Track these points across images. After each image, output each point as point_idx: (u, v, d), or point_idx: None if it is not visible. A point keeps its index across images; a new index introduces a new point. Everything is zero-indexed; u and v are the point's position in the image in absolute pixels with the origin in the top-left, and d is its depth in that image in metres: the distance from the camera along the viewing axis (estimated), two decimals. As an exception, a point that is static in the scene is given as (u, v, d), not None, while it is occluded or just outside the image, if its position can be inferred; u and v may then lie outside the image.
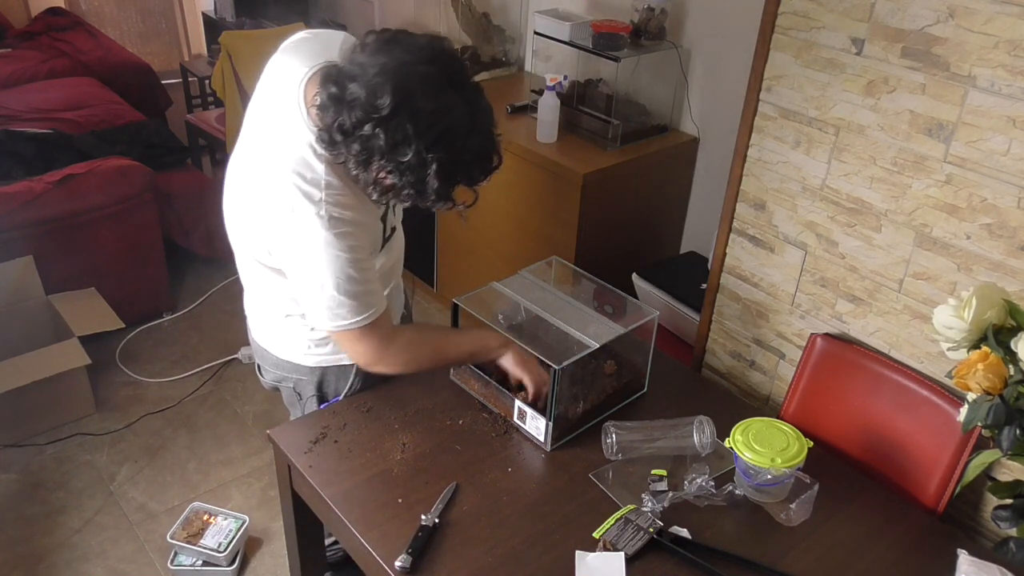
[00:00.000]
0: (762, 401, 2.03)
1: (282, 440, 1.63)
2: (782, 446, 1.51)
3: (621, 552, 1.40)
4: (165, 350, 3.22)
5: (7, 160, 3.17)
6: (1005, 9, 1.39)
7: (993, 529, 1.63)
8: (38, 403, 2.72)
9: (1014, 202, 1.47)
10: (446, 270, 3.47)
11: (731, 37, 2.71)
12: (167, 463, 2.70)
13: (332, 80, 1.35)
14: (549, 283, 1.86)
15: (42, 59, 4.45)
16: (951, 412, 1.60)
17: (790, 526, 1.51)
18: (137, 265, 3.23)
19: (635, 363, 1.81)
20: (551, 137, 2.86)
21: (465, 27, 3.51)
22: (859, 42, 1.61)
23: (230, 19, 4.61)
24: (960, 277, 1.58)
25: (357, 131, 1.31)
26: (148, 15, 5.80)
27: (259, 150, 1.52)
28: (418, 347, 1.63)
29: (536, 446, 1.65)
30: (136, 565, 2.35)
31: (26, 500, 2.53)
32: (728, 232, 1.98)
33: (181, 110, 4.82)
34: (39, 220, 2.91)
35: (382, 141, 1.31)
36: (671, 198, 3.04)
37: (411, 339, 1.64)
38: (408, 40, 1.36)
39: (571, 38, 2.88)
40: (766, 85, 1.79)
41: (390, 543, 1.41)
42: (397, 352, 1.58)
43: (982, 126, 1.47)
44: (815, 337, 1.82)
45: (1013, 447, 1.21)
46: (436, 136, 1.32)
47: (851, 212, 1.72)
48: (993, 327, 1.24)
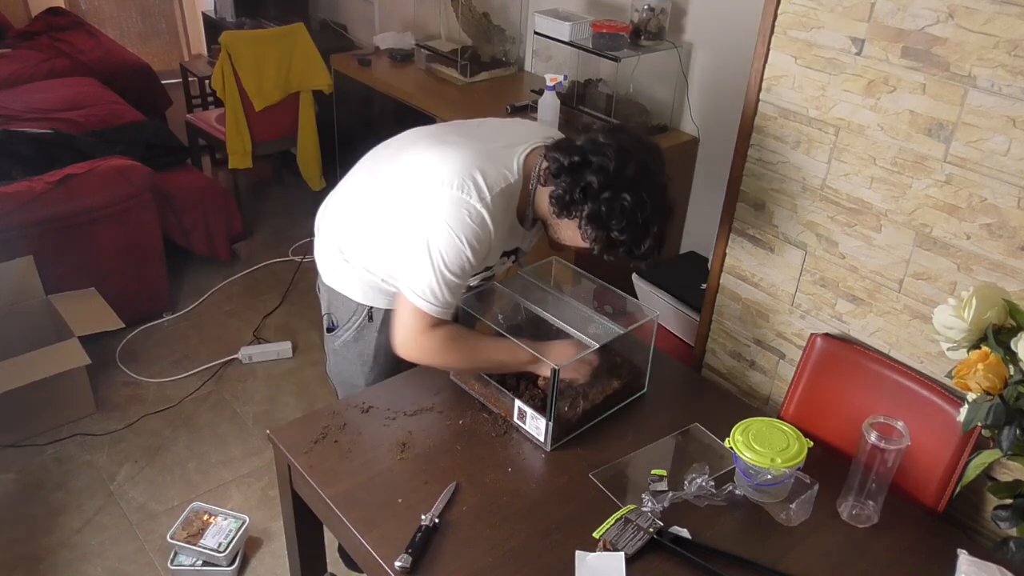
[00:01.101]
0: (762, 401, 2.03)
1: (282, 440, 1.63)
2: (782, 446, 1.51)
3: (621, 552, 1.40)
4: (165, 350, 3.23)
5: (7, 160, 3.17)
6: (1005, 9, 1.39)
7: (993, 529, 1.63)
8: (38, 403, 2.72)
9: (1014, 202, 1.47)
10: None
11: (731, 37, 2.71)
12: (167, 463, 2.70)
13: (570, 150, 1.58)
14: (549, 283, 1.86)
15: (42, 59, 4.45)
16: (951, 412, 1.60)
17: (790, 526, 1.51)
18: (137, 265, 3.23)
19: (635, 363, 1.81)
20: (551, 137, 2.85)
21: (465, 27, 3.51)
22: (859, 42, 1.61)
23: (230, 19, 4.61)
24: (960, 277, 1.58)
25: (602, 194, 1.54)
26: (148, 15, 5.81)
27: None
28: (455, 344, 1.66)
29: (536, 446, 1.65)
30: (136, 565, 2.35)
31: (26, 500, 2.53)
32: (728, 232, 1.98)
33: (181, 110, 4.82)
34: (39, 220, 2.91)
35: (625, 203, 1.54)
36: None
37: (451, 334, 1.65)
38: (629, 131, 1.65)
39: (571, 38, 2.88)
40: (766, 85, 1.79)
41: (390, 543, 1.41)
42: (432, 342, 1.63)
43: (982, 126, 1.47)
44: (815, 337, 1.82)
45: (1013, 447, 1.21)
46: (658, 207, 1.58)
47: (851, 212, 1.72)
48: (993, 327, 1.24)
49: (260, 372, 3.15)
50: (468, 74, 3.39)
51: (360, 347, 1.91)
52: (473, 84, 3.39)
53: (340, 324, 1.91)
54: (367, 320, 1.87)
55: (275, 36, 3.78)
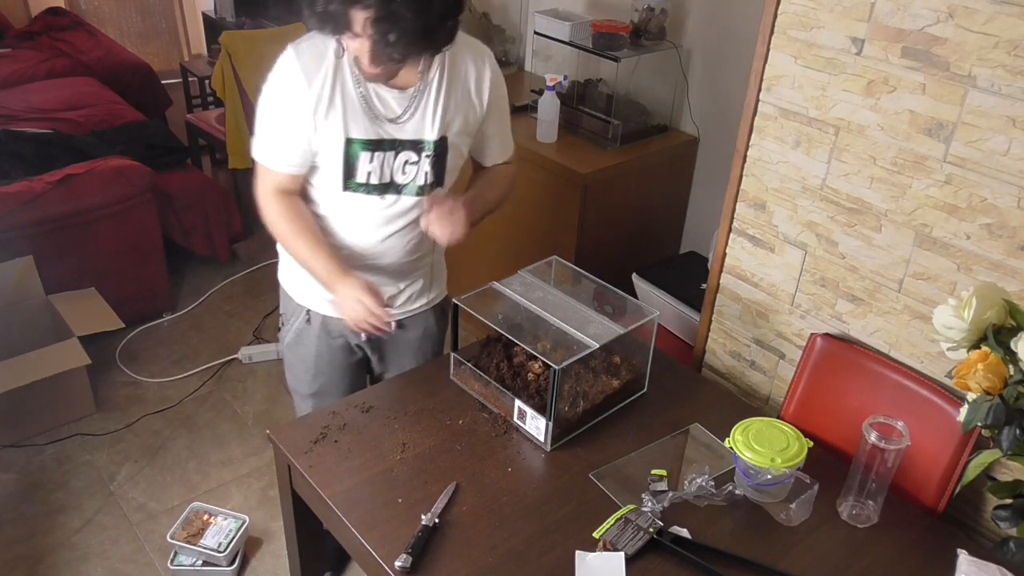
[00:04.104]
0: (762, 401, 2.03)
1: (282, 440, 1.63)
2: (782, 446, 1.51)
3: (621, 552, 1.40)
4: (165, 350, 3.23)
5: (7, 160, 3.17)
6: (1005, 9, 1.39)
7: (993, 529, 1.63)
8: (38, 403, 2.72)
9: (1014, 202, 1.47)
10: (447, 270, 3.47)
11: (731, 37, 2.71)
12: (167, 463, 2.70)
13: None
14: (549, 283, 1.86)
15: (42, 59, 4.45)
16: (951, 412, 1.60)
17: (790, 526, 1.51)
18: (137, 265, 3.23)
19: (635, 363, 1.81)
20: (551, 137, 2.86)
21: (465, 27, 3.51)
22: (859, 42, 1.61)
23: (230, 19, 4.62)
24: (960, 277, 1.58)
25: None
26: (148, 15, 5.80)
27: None
28: (279, 220, 1.68)
29: (536, 446, 1.65)
30: (136, 565, 2.35)
31: (26, 500, 2.53)
32: (728, 232, 1.98)
33: (181, 110, 4.82)
34: (39, 220, 2.91)
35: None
36: (671, 198, 3.04)
37: (281, 209, 1.68)
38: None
39: (571, 38, 2.88)
40: (766, 85, 1.79)
41: (390, 543, 1.41)
42: (266, 203, 1.69)
43: (982, 126, 1.47)
44: (815, 337, 1.82)
45: (1013, 447, 1.21)
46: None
47: (851, 212, 1.72)
48: (993, 327, 1.24)
49: (260, 372, 3.15)
50: (468, 74, 3.39)
51: (301, 352, 1.89)
52: (473, 84, 3.39)
53: (285, 323, 1.91)
54: (306, 323, 1.85)
55: (275, 36, 3.78)
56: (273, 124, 1.63)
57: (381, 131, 1.64)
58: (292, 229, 1.68)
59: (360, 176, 1.66)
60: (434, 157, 1.68)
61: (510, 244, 3.03)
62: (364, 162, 1.64)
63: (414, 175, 1.69)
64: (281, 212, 1.68)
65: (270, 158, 1.66)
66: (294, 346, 1.90)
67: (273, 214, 1.68)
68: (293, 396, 2.01)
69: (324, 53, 1.58)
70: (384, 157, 1.65)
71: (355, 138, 1.62)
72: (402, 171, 1.68)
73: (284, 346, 1.93)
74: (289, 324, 1.89)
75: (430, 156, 1.68)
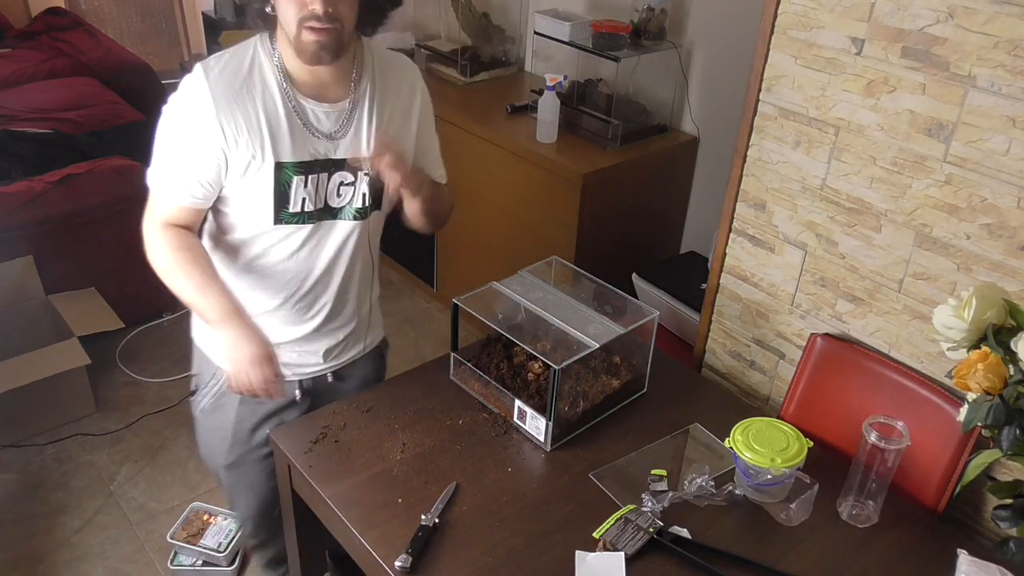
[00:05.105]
0: (762, 401, 2.03)
1: (282, 440, 1.63)
2: (782, 446, 1.51)
3: (621, 552, 1.40)
4: (165, 350, 3.23)
5: (7, 160, 3.17)
6: (1005, 9, 1.39)
7: (993, 529, 1.63)
8: (38, 403, 2.72)
9: (1014, 202, 1.47)
10: (446, 270, 3.47)
11: (731, 37, 2.71)
12: (167, 463, 2.70)
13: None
14: (549, 283, 1.86)
15: (42, 59, 4.45)
16: (951, 412, 1.60)
17: (790, 526, 1.51)
18: (137, 265, 3.17)
19: (635, 363, 1.82)
20: (551, 137, 2.86)
21: (465, 27, 3.51)
22: (859, 42, 1.61)
23: (230, 19, 4.62)
24: (960, 277, 1.58)
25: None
26: (148, 15, 5.80)
27: None
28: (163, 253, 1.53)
29: (536, 446, 1.65)
30: (136, 565, 2.35)
31: (26, 500, 2.53)
32: (728, 232, 1.98)
33: (181, 110, 4.82)
34: (39, 220, 2.91)
35: None
36: (671, 198, 3.04)
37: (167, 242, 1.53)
38: None
39: (571, 38, 2.88)
40: (766, 85, 1.79)
41: (390, 543, 1.41)
42: (149, 235, 1.55)
43: (982, 126, 1.47)
44: (815, 337, 1.82)
45: (1013, 447, 1.21)
46: None
47: (851, 212, 1.72)
48: (993, 327, 1.24)
49: (260, 372, 3.14)
50: (468, 74, 3.39)
51: (219, 418, 1.74)
52: (473, 84, 3.39)
53: (200, 386, 1.75)
54: (227, 387, 1.56)
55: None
56: (175, 153, 1.49)
57: (314, 151, 1.51)
58: (181, 259, 1.50)
59: (294, 205, 1.52)
60: (372, 177, 1.55)
61: (510, 244, 3.03)
62: (298, 188, 1.51)
63: (350, 197, 1.57)
64: (169, 242, 1.51)
65: (170, 189, 1.51)
66: (210, 413, 1.74)
67: (160, 245, 1.52)
68: (207, 462, 1.88)
69: (240, 72, 1.46)
70: (318, 179, 1.52)
71: (286, 162, 1.48)
72: (336, 193, 1.55)
73: (198, 412, 1.76)
74: (206, 387, 1.73)
75: (368, 175, 1.55)
